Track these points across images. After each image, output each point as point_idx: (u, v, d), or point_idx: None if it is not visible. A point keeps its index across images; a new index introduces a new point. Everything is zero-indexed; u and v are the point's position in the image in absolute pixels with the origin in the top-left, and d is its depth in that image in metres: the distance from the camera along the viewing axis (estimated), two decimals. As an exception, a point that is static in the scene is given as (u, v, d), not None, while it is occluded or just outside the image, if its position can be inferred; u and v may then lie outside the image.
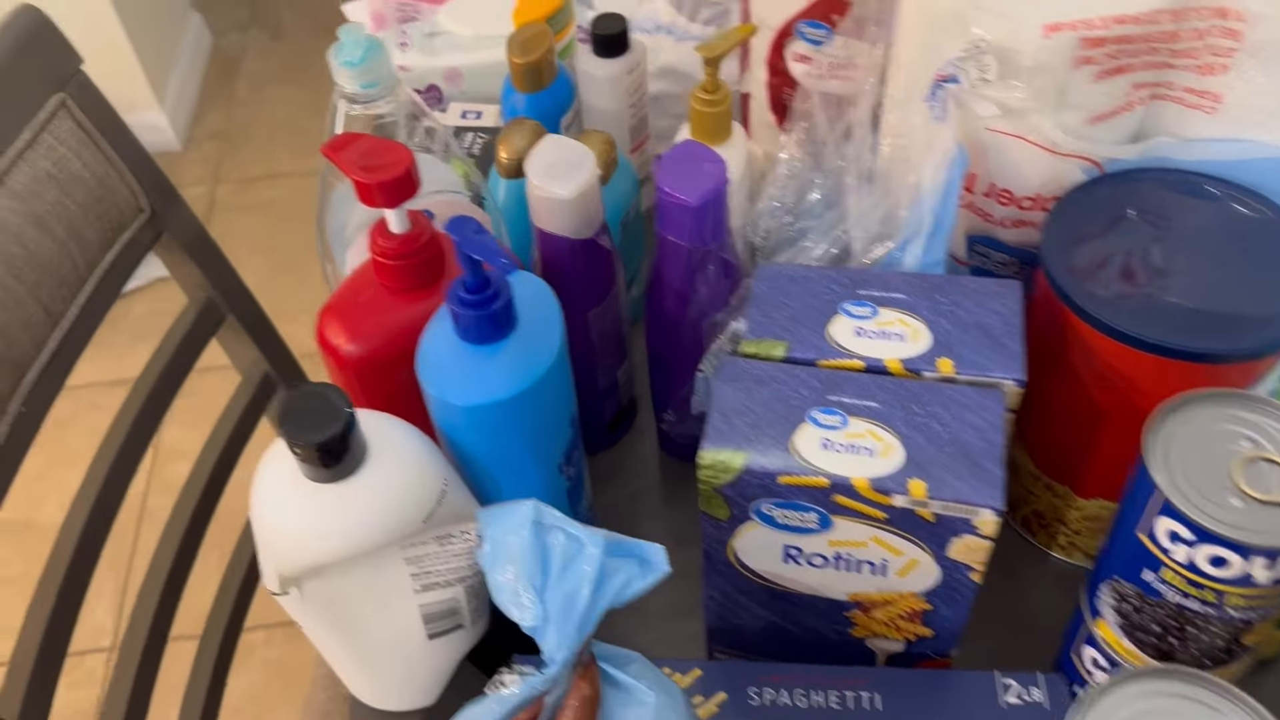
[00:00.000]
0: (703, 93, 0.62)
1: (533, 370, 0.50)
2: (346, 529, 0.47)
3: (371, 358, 0.55)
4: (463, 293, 0.49)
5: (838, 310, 0.53)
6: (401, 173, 0.51)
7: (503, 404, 0.50)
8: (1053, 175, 0.58)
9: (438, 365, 0.51)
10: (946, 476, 0.47)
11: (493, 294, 0.49)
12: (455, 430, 0.52)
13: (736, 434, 0.49)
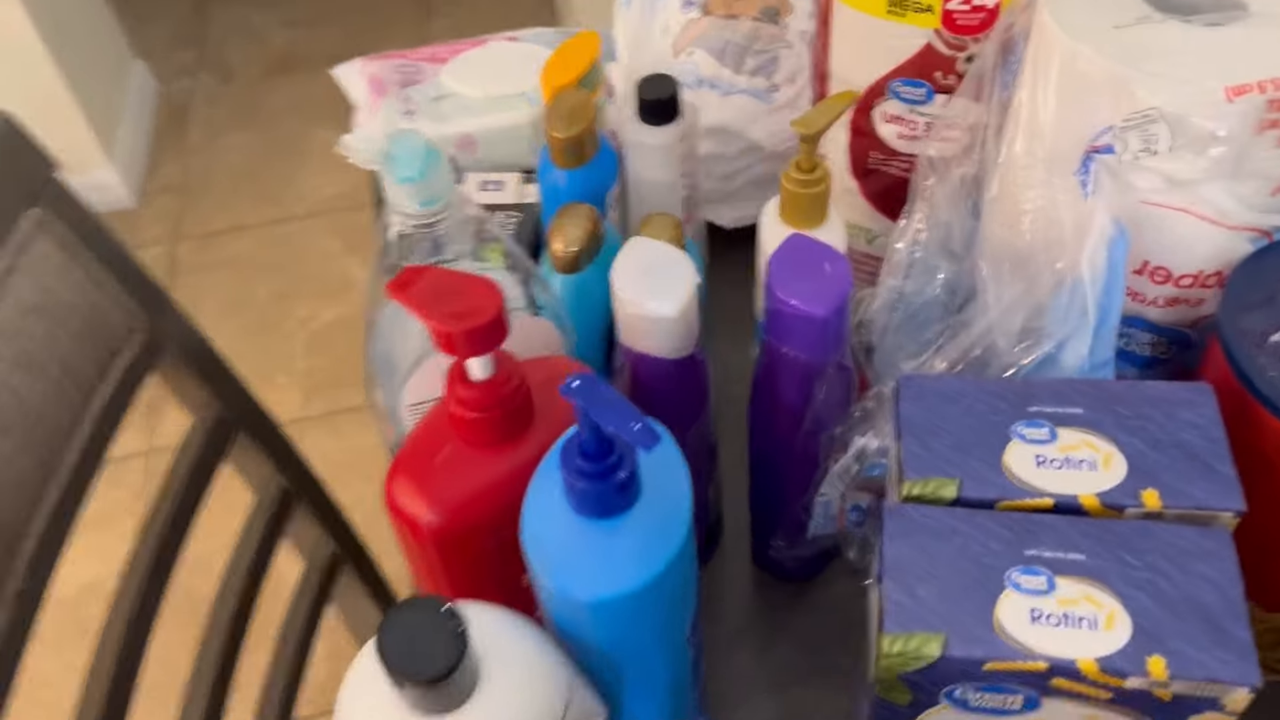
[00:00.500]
0: (798, 172, 0.54)
1: (667, 547, 0.42)
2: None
3: (456, 527, 0.46)
4: (581, 461, 0.40)
5: (1009, 434, 0.45)
6: (490, 318, 0.42)
7: (635, 594, 0.41)
8: (1219, 250, 0.50)
9: (551, 547, 0.42)
10: (1187, 649, 0.39)
11: (617, 460, 0.40)
12: (576, 625, 0.43)
13: (926, 611, 0.41)
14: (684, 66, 0.75)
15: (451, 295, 0.43)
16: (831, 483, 0.54)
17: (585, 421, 0.39)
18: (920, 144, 0.60)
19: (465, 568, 0.48)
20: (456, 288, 0.44)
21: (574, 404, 0.38)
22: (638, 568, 0.41)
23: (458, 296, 0.43)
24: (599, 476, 0.40)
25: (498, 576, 0.48)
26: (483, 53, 0.89)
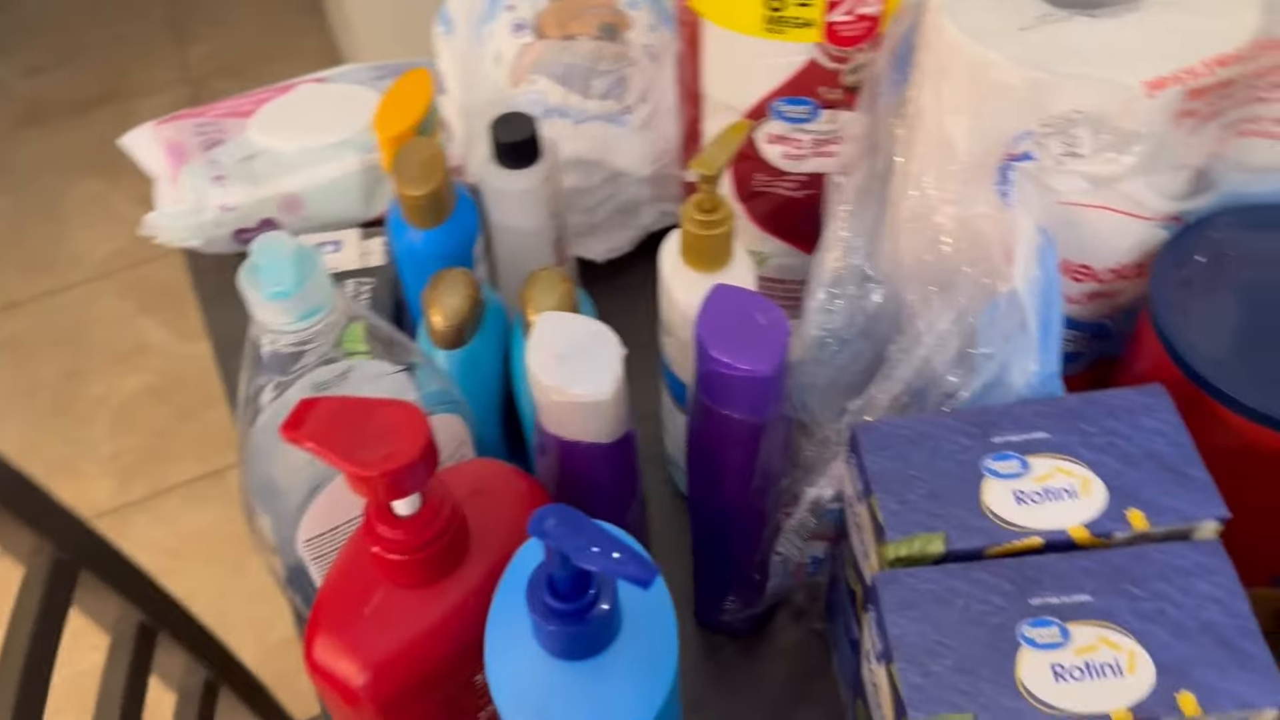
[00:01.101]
0: (700, 213, 0.50)
1: (661, 680, 0.37)
2: None
3: (398, 684, 0.40)
4: (552, 600, 0.35)
5: (981, 471, 0.43)
6: (418, 453, 0.36)
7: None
8: (1139, 242, 0.50)
9: (531, 697, 0.37)
10: (1212, 678, 0.37)
11: (594, 595, 0.35)
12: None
13: (946, 689, 0.38)
14: (528, 96, 0.70)
15: (361, 427, 0.37)
16: (789, 540, 0.50)
17: (558, 560, 0.33)
18: (808, 162, 0.57)
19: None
20: (364, 417, 0.37)
21: (547, 545, 0.33)
22: (637, 709, 0.36)
23: (368, 428, 0.37)
24: (576, 617, 0.35)
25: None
26: (291, 100, 0.81)
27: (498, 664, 0.37)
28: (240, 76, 2.20)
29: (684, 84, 0.59)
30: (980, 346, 0.48)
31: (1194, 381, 0.46)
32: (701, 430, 0.48)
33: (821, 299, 0.50)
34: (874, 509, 0.42)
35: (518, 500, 0.43)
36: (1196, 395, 0.46)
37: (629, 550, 0.32)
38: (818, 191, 0.59)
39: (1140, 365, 0.50)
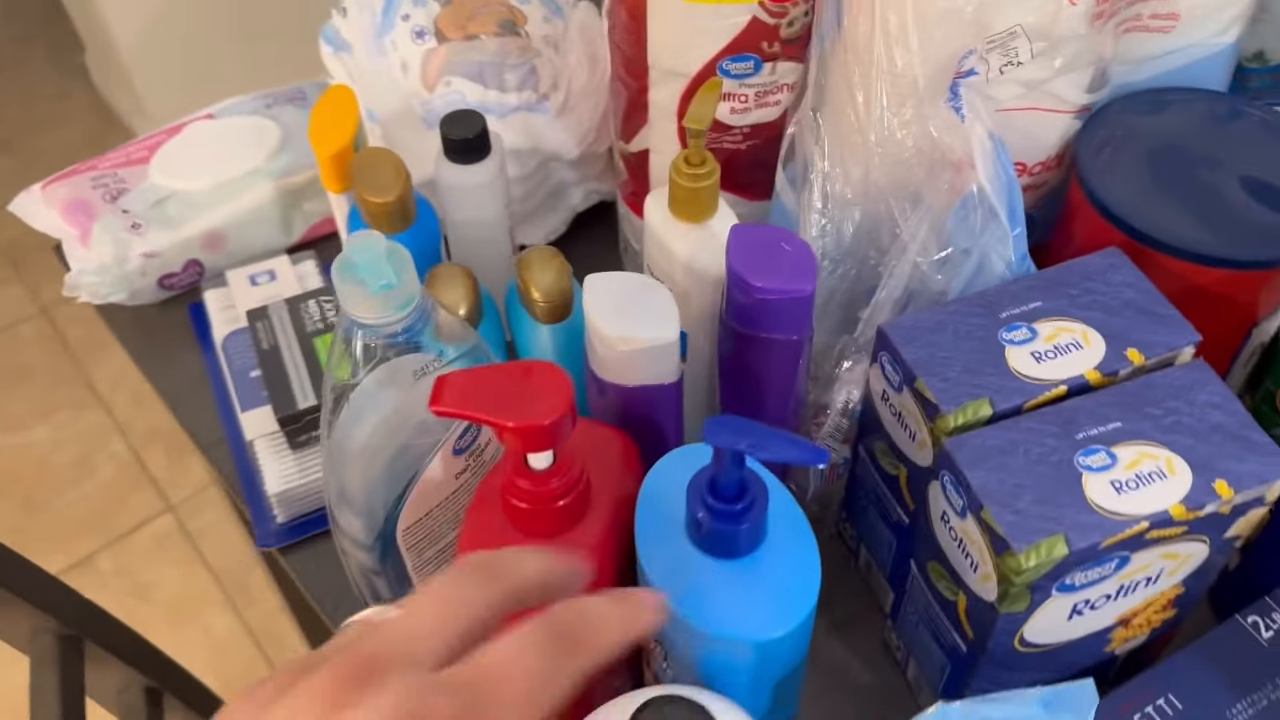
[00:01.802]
0: (689, 167, 0.54)
1: (807, 583, 0.41)
2: None
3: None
4: (715, 502, 0.39)
5: (1000, 343, 0.49)
6: (566, 408, 0.39)
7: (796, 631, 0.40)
8: (1062, 135, 0.58)
9: (690, 596, 0.40)
10: (1232, 465, 0.45)
11: (752, 498, 0.39)
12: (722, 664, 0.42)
13: (1036, 519, 0.44)
14: (449, 98, 0.72)
15: (498, 390, 0.39)
16: (827, 444, 0.55)
17: (729, 460, 0.37)
18: (751, 114, 0.63)
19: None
20: (499, 381, 0.40)
21: (720, 447, 0.36)
22: (797, 604, 0.40)
23: (506, 390, 0.39)
24: (738, 517, 0.39)
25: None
26: (185, 140, 0.80)
27: (653, 568, 0.41)
28: (13, 151, 2.06)
29: (625, 58, 0.63)
30: (958, 244, 0.54)
31: (1129, 235, 0.55)
32: (740, 360, 0.52)
33: (815, 226, 0.55)
34: (922, 391, 0.48)
35: (618, 455, 0.46)
36: (1132, 246, 0.54)
37: (796, 439, 0.36)
38: (760, 141, 0.65)
39: (1077, 236, 0.58)
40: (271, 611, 1.50)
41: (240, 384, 0.69)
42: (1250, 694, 0.51)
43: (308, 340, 0.67)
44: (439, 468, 0.47)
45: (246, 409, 0.68)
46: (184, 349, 0.76)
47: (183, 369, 0.75)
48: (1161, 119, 0.59)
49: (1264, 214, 0.55)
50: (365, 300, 0.41)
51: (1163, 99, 0.60)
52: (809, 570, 0.41)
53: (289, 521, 0.65)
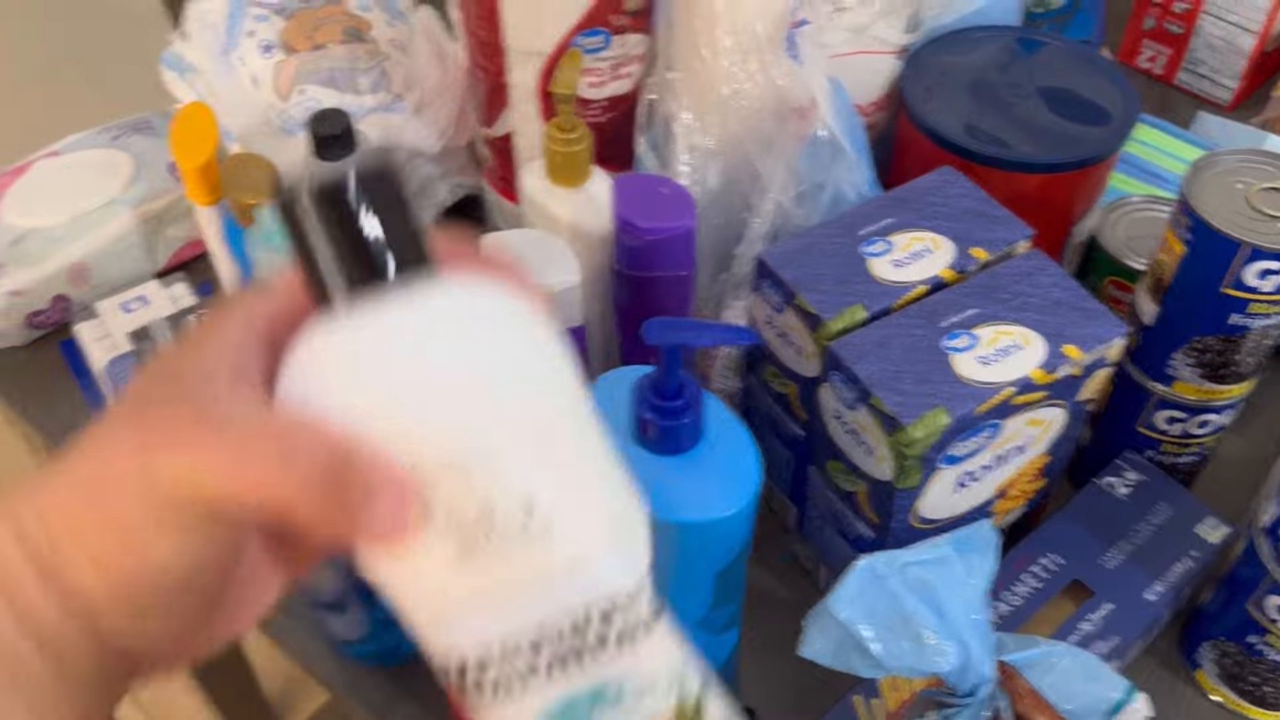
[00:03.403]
0: (560, 133, 0.57)
1: (751, 477, 0.45)
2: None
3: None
4: (658, 400, 0.42)
5: (863, 256, 0.55)
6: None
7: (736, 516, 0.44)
8: (887, 75, 0.64)
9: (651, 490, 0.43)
10: (1077, 331, 0.52)
11: (688, 396, 0.43)
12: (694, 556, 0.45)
13: (916, 396, 0.49)
14: (305, 105, 0.73)
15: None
16: (722, 377, 0.59)
17: (669, 362, 0.41)
18: (607, 87, 0.67)
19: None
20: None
21: (659, 345, 0.40)
22: (744, 487, 0.44)
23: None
24: (678, 413, 0.42)
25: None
26: (33, 179, 0.78)
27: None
28: None
29: (481, 44, 0.66)
30: (812, 179, 0.60)
31: (959, 155, 0.61)
32: (635, 303, 0.56)
33: (684, 178, 0.60)
34: (804, 306, 0.53)
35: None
36: (962, 165, 0.61)
37: (726, 326, 0.40)
38: (617, 114, 0.69)
39: (912, 166, 0.64)
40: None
41: (128, 408, 0.68)
42: (1117, 541, 0.58)
43: (195, 354, 0.67)
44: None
45: (139, 431, 0.67)
46: (60, 386, 0.74)
47: (63, 405, 0.73)
48: (970, 55, 0.66)
49: (1068, 125, 0.63)
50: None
51: (969, 37, 0.67)
52: (749, 460, 0.45)
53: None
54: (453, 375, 0.26)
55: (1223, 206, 0.53)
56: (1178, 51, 0.95)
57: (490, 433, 0.26)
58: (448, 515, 0.26)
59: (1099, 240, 0.66)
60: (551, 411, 0.27)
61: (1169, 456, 0.62)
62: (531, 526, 0.26)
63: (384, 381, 0.26)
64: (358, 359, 0.26)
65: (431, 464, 0.25)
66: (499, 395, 0.26)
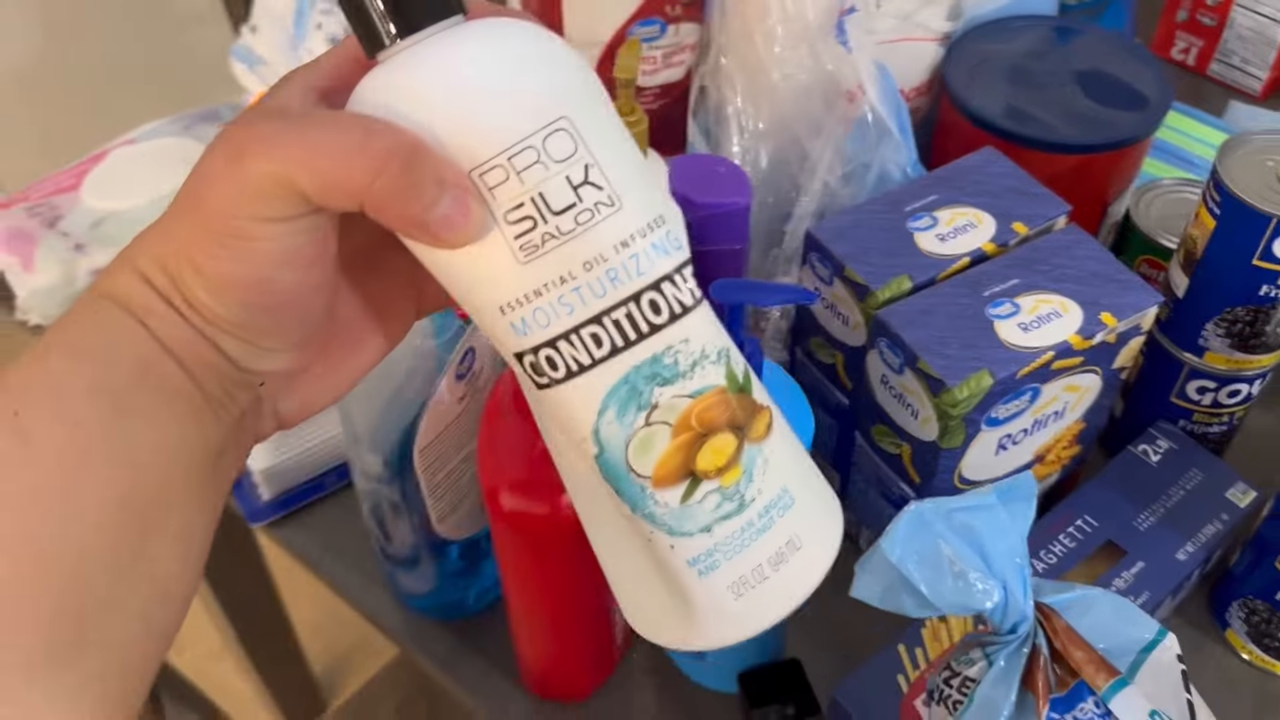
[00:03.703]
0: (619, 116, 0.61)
1: (805, 417, 0.48)
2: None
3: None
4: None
5: (909, 230, 0.58)
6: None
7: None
8: (931, 61, 0.67)
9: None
10: (1113, 299, 0.54)
11: (750, 354, 0.46)
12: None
13: (961, 359, 0.52)
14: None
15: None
16: (771, 347, 0.63)
17: (732, 321, 0.44)
18: (660, 75, 0.70)
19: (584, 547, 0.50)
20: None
21: (724, 302, 0.43)
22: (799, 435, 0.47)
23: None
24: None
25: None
26: (111, 165, 0.83)
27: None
28: None
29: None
30: (859, 160, 0.63)
31: (999, 137, 0.64)
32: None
33: (736, 159, 0.63)
34: (852, 276, 0.56)
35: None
36: (1002, 145, 0.64)
37: (785, 286, 0.43)
38: (669, 100, 0.72)
39: (953, 148, 0.67)
40: (210, 653, 1.49)
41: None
42: (1149, 505, 0.61)
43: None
44: (445, 391, 0.52)
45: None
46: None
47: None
48: (1009, 42, 0.69)
49: (1103, 109, 0.66)
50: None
51: (1008, 26, 0.70)
52: (804, 415, 0.48)
53: (275, 498, 0.69)
54: (499, 82, 0.29)
55: (1253, 182, 0.56)
56: (1210, 43, 0.97)
57: (537, 129, 0.29)
58: (507, 204, 0.29)
59: (1133, 220, 0.69)
60: (591, 110, 0.30)
61: (1200, 426, 0.65)
62: (579, 211, 0.29)
63: (441, 94, 0.29)
64: (415, 80, 0.29)
65: (487, 161, 0.29)
66: (542, 94, 0.29)
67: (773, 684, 0.58)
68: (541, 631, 0.56)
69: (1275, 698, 0.60)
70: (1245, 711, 0.59)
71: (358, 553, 0.66)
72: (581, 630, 0.56)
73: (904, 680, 0.54)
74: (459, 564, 0.61)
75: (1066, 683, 0.45)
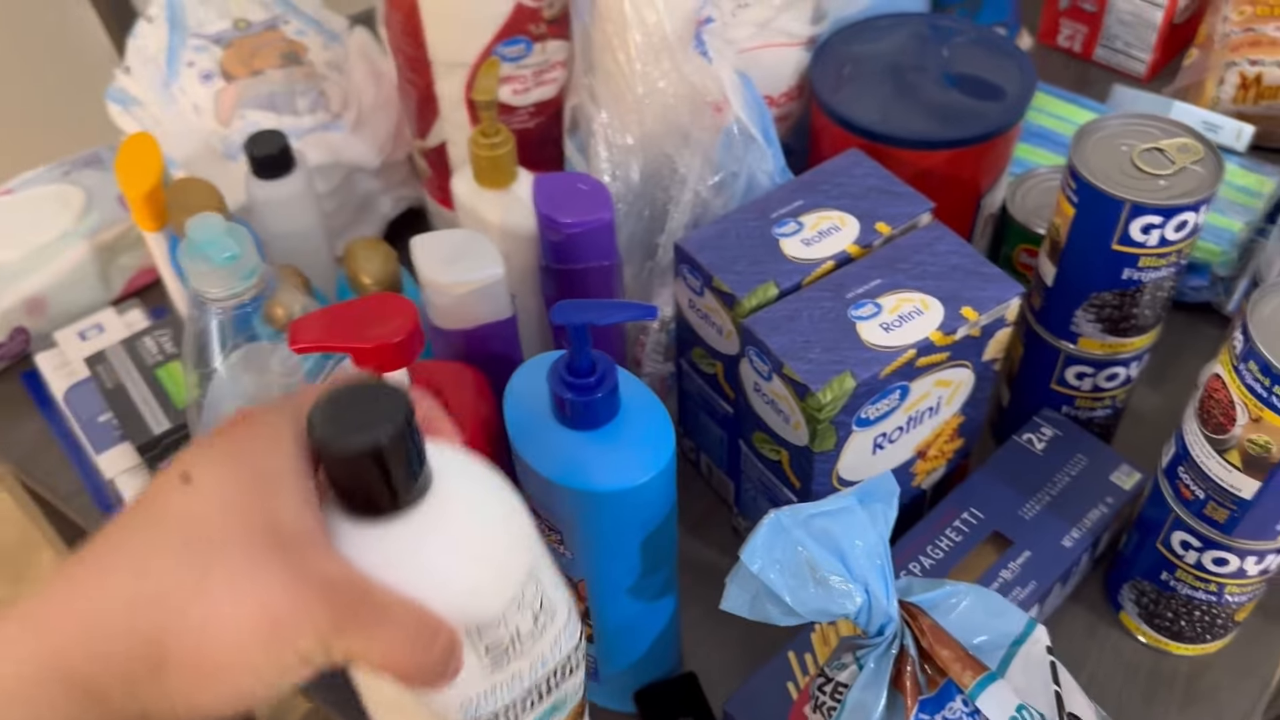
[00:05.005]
0: (485, 139, 0.60)
1: (664, 446, 0.48)
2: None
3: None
4: (572, 378, 0.45)
5: (775, 237, 0.58)
6: (413, 325, 0.44)
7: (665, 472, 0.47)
8: (795, 66, 0.67)
9: (558, 458, 0.46)
10: (974, 294, 0.55)
11: (601, 373, 0.46)
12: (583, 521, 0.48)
13: (824, 364, 0.52)
14: (246, 129, 0.76)
15: (353, 322, 0.45)
16: (652, 360, 0.62)
17: (578, 341, 0.43)
18: (532, 93, 0.70)
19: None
20: (352, 314, 0.45)
21: (568, 326, 0.43)
22: (658, 454, 0.47)
23: (360, 321, 0.45)
24: (591, 389, 0.45)
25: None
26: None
27: (527, 451, 0.47)
28: None
29: (408, 59, 0.69)
30: (727, 169, 0.63)
31: (867, 138, 0.65)
32: (561, 294, 0.59)
33: (605, 175, 0.63)
34: (720, 287, 0.56)
35: (470, 385, 0.52)
36: (871, 147, 0.64)
37: (629, 303, 0.43)
38: (544, 118, 0.72)
39: (826, 151, 0.67)
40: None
41: (90, 430, 0.71)
42: (1035, 493, 0.61)
43: (150, 373, 0.70)
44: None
45: (101, 451, 0.70)
46: (23, 416, 0.77)
47: (26, 435, 0.76)
48: (876, 42, 0.70)
49: (970, 102, 0.66)
50: (213, 273, 0.46)
51: (874, 25, 0.70)
52: (663, 430, 0.47)
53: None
54: (494, 552, 0.36)
55: (1108, 167, 0.56)
56: (1093, 28, 0.99)
57: (519, 586, 0.36)
58: (492, 641, 0.36)
59: (1009, 210, 0.69)
60: (538, 544, 0.38)
61: (1084, 411, 0.65)
62: (536, 632, 0.37)
63: (448, 567, 0.34)
64: (421, 553, 0.33)
65: (488, 620, 0.35)
66: (520, 554, 0.36)
67: (669, 700, 0.58)
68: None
69: (1170, 675, 0.61)
70: (1141, 690, 0.60)
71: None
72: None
73: (794, 687, 0.54)
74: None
75: (936, 682, 0.45)
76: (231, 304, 0.47)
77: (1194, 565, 0.56)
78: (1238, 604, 0.58)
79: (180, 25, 0.82)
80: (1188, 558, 0.56)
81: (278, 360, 0.49)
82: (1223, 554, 0.55)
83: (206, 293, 0.46)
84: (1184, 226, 0.55)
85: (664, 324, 0.63)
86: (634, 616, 0.53)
